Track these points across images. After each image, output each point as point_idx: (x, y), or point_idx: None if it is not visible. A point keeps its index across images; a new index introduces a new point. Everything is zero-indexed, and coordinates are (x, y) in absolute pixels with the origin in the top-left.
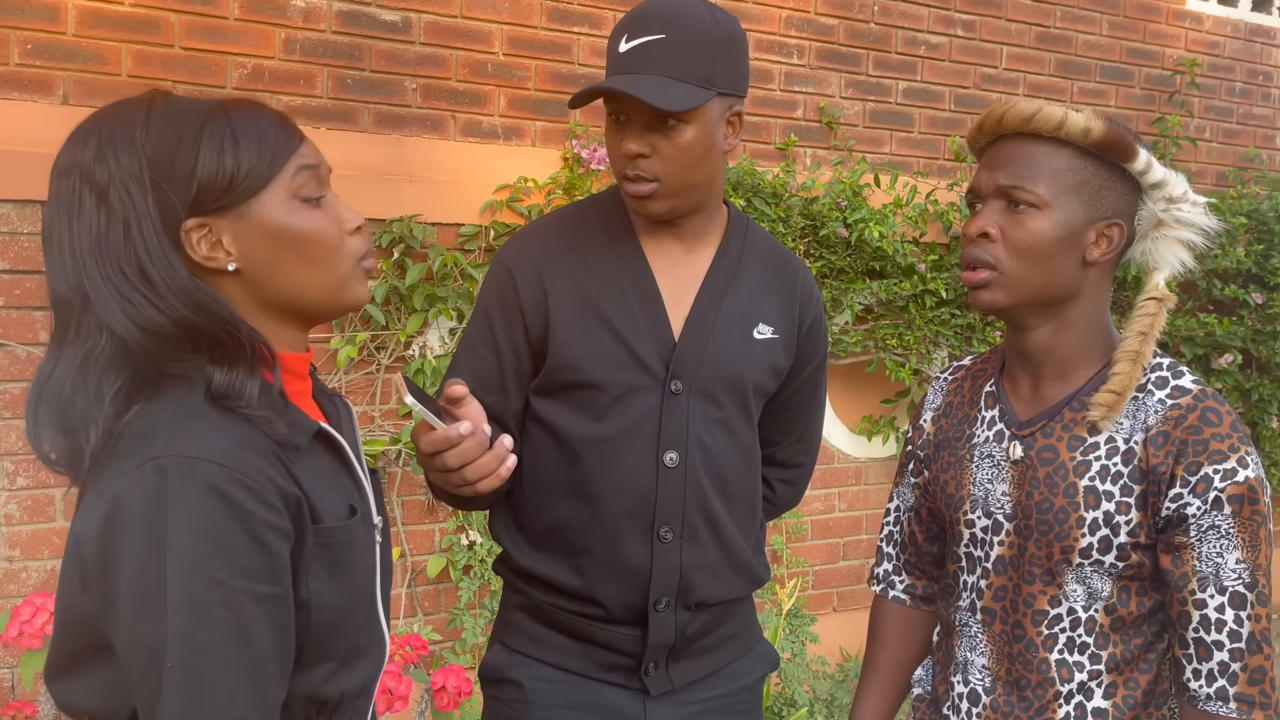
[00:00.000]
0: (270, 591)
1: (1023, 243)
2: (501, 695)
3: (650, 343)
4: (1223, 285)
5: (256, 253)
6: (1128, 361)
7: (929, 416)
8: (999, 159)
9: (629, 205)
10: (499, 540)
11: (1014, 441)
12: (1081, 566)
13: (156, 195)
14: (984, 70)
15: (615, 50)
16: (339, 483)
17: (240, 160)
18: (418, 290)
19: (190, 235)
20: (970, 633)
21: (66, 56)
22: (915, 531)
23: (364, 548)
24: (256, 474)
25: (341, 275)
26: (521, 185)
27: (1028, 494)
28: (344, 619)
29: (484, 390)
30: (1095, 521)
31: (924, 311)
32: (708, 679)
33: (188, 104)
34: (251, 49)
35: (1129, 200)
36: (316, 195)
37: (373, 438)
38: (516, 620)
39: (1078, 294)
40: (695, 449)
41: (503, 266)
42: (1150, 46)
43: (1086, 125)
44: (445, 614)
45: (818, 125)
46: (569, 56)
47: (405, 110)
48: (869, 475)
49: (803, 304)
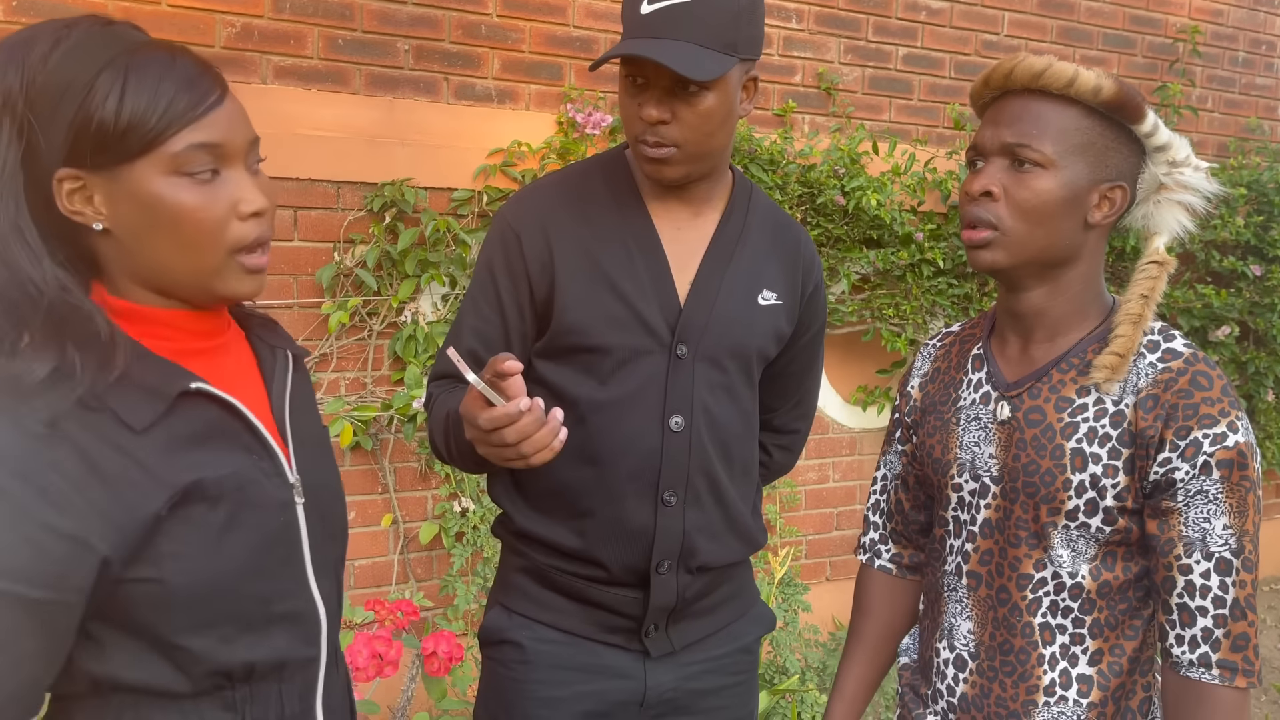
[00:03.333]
0: (41, 596)
1: (1026, 202)
2: (501, 656)
3: (656, 307)
4: (1221, 257)
5: (125, 220)
6: (1129, 324)
7: (916, 383)
8: (1004, 115)
9: (643, 170)
10: (499, 502)
11: (1001, 402)
12: (1067, 529)
13: (27, 132)
14: (985, 37)
15: (636, 11)
16: (231, 440)
17: (120, 119)
18: (410, 255)
19: (61, 185)
20: (957, 597)
21: (52, 12)
22: (902, 499)
23: (261, 507)
24: (42, 467)
25: (212, 265)
26: (515, 149)
27: (1014, 455)
28: (219, 583)
29: (488, 351)
30: (1082, 484)
31: (921, 281)
32: (706, 640)
33: (101, 41)
34: (240, 7)
35: (1133, 163)
36: (207, 170)
37: (364, 404)
38: (516, 582)
39: (1077, 256)
40: (700, 414)
41: (507, 226)
42: (1153, 14)
43: (1097, 83)
44: (437, 580)
45: (816, 91)
46: (564, 19)
47: (397, 72)
48: (863, 445)
49: (805, 270)
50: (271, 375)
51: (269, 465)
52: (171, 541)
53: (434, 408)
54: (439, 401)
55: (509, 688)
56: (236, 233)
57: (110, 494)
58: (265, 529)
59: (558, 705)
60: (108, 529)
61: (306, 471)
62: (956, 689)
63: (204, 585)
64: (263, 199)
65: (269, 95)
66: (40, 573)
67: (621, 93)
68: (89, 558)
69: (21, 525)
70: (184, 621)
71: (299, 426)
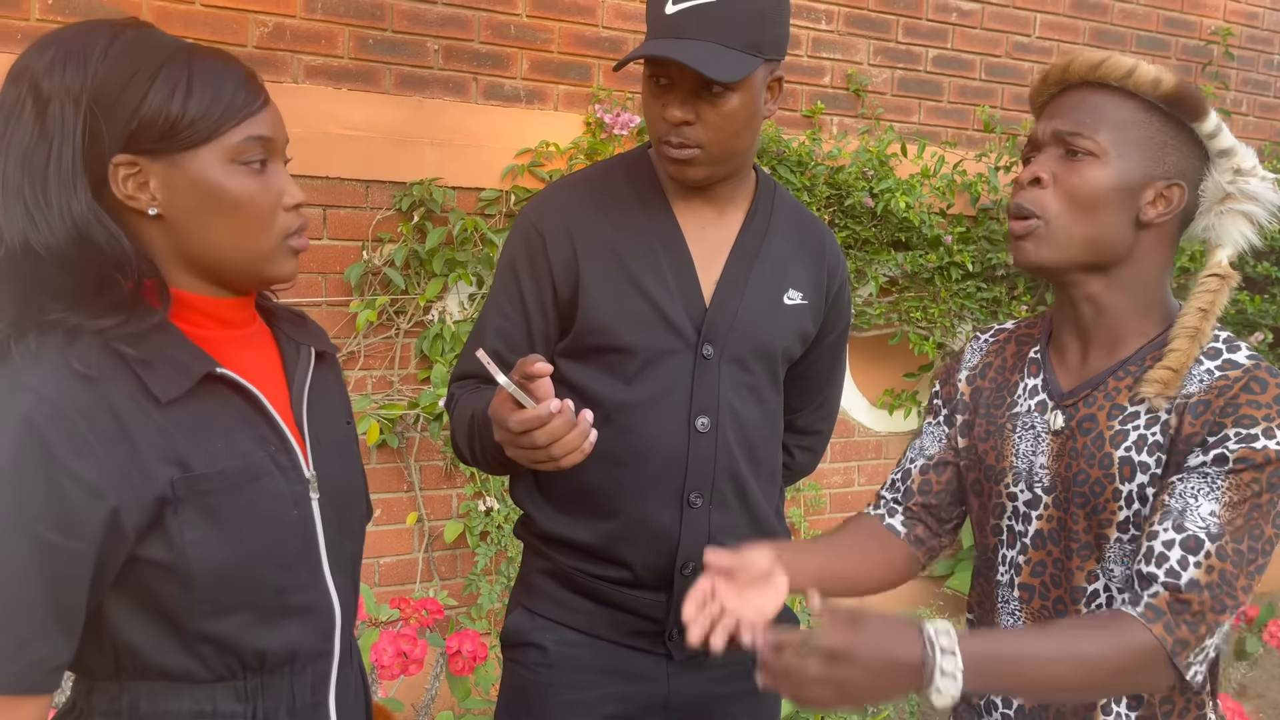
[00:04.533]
0: (56, 540)
1: (1075, 189)
2: (524, 659)
3: (682, 306)
4: (1255, 262)
5: (182, 204)
6: (1186, 338)
7: (964, 375)
8: (1060, 107)
9: (667, 171)
10: (521, 505)
11: (1056, 411)
12: (1120, 541)
13: (90, 122)
14: (1016, 39)
15: (660, 11)
16: (248, 431)
17: (187, 109)
18: (437, 255)
19: (118, 170)
20: (1010, 609)
21: (87, 13)
22: (933, 481)
23: (275, 499)
24: (78, 415)
25: (266, 248)
26: (543, 149)
27: (1066, 465)
28: (238, 570)
29: (510, 351)
30: (1130, 494)
31: (949, 284)
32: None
33: (157, 39)
34: (273, 7)
35: (1193, 165)
36: (258, 160)
37: (391, 402)
38: (539, 584)
39: (1128, 256)
40: (726, 415)
41: (531, 226)
42: (1187, 16)
43: (1157, 76)
44: (461, 579)
45: (845, 93)
46: (593, 19)
47: (427, 72)
48: (889, 449)
49: (830, 270)
50: (294, 371)
51: (285, 458)
52: (191, 528)
53: (457, 408)
54: (462, 402)
55: (532, 690)
56: (284, 220)
57: (132, 454)
58: (281, 519)
59: (581, 708)
60: (124, 485)
61: (324, 467)
62: (1014, 702)
63: (222, 571)
64: (301, 193)
65: (300, 94)
66: (57, 516)
67: (645, 93)
68: (101, 508)
69: (46, 466)
70: (204, 607)
71: (318, 423)
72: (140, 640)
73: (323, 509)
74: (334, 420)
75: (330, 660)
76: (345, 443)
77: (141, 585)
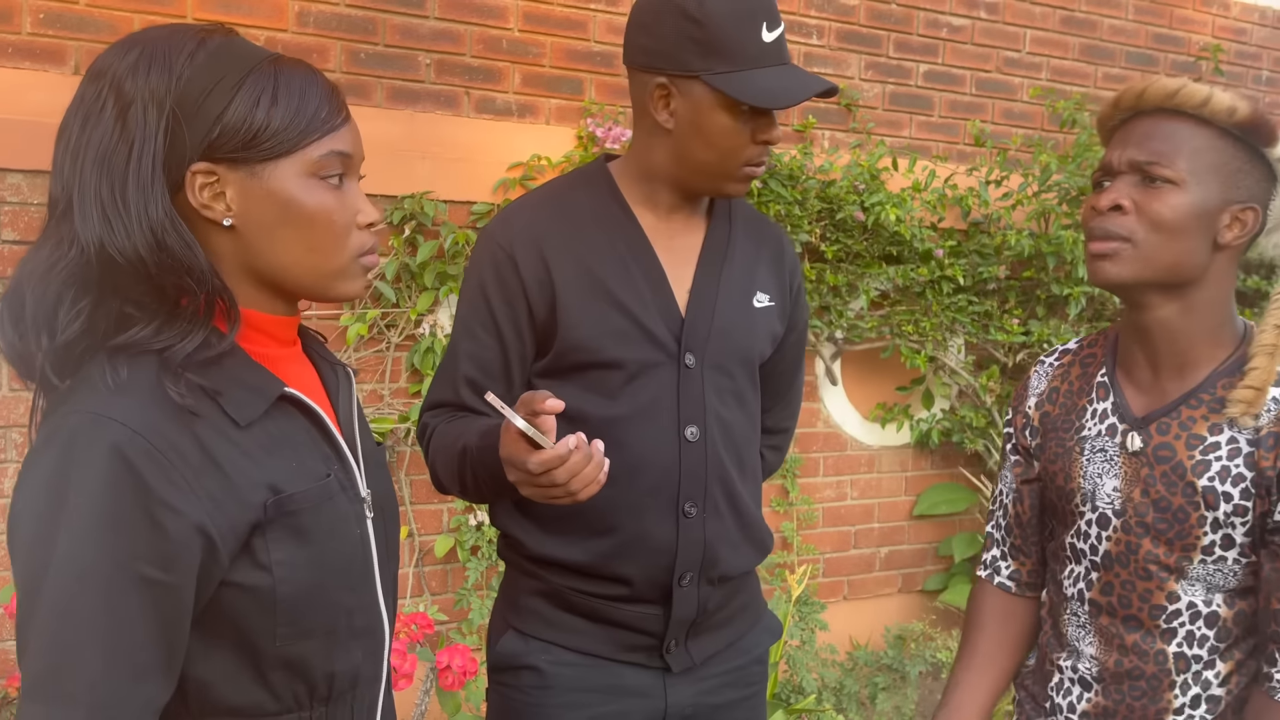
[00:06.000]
0: (158, 577)
1: (1159, 215)
2: (518, 683)
3: (659, 317)
4: (1244, 276)
5: (257, 216)
6: (1265, 355)
7: (1033, 402)
8: (1135, 135)
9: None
10: (505, 528)
11: (1131, 434)
12: (1204, 563)
13: (173, 126)
14: (1006, 54)
15: (758, 38)
16: (314, 450)
17: (271, 120)
18: (429, 268)
19: (195, 178)
20: (1079, 621)
21: (79, 26)
22: (1019, 512)
23: (344, 519)
24: (168, 447)
25: (338, 265)
26: (535, 163)
27: (1142, 491)
28: (317, 591)
29: (487, 377)
30: (1215, 521)
31: (941, 298)
32: (723, 653)
33: (243, 48)
34: (264, 21)
35: (1265, 187)
36: (336, 175)
37: (381, 416)
38: (530, 605)
39: (1204, 277)
40: (714, 422)
41: (498, 246)
42: (1176, 32)
43: (1232, 104)
44: (452, 594)
45: (836, 107)
46: (585, 34)
47: (419, 85)
48: (882, 463)
49: (790, 269)
50: (335, 390)
51: (345, 478)
52: (279, 549)
53: (435, 439)
54: (440, 433)
55: (528, 714)
56: (358, 239)
57: (223, 480)
58: (350, 538)
59: None
60: (219, 515)
61: (375, 486)
62: (1079, 706)
63: (303, 593)
64: (377, 212)
65: None
66: (158, 552)
67: (725, 118)
68: (199, 540)
69: (143, 501)
70: (285, 630)
71: (364, 442)
72: (214, 674)
73: (375, 529)
74: (371, 441)
75: (379, 684)
76: (382, 461)
77: (222, 613)
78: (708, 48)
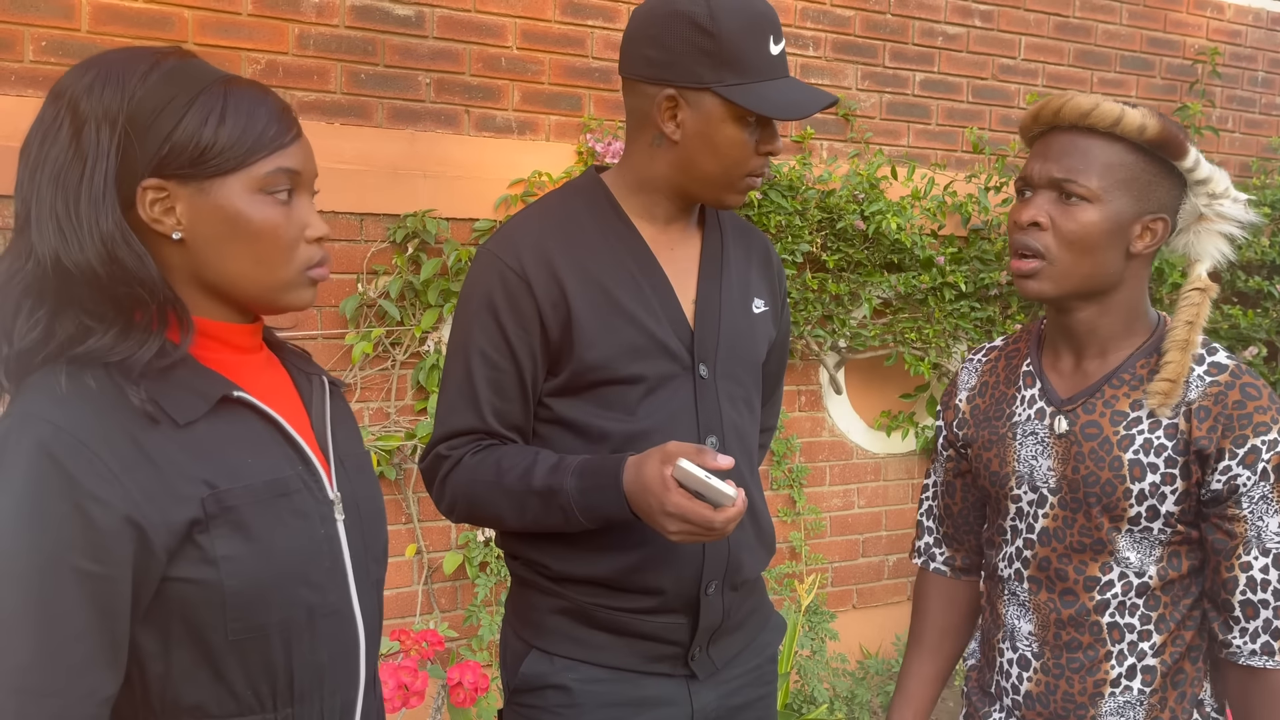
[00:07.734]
0: (91, 569)
1: (1072, 234)
2: (544, 703)
3: (670, 330)
4: (1247, 277)
5: (206, 230)
6: (1178, 350)
7: (964, 396)
8: (1052, 150)
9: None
10: (518, 552)
11: (1058, 416)
12: (1131, 533)
13: (124, 144)
14: (1002, 61)
15: (765, 52)
16: (274, 450)
17: (219, 137)
18: (432, 285)
19: (146, 193)
20: (1018, 600)
21: (80, 53)
22: (949, 504)
23: (302, 517)
24: (95, 441)
25: (285, 278)
26: (535, 180)
27: (1073, 468)
28: (269, 587)
29: (503, 400)
30: (1142, 492)
31: (943, 305)
32: (741, 654)
33: (197, 69)
34: (265, 44)
35: (1174, 195)
36: (284, 191)
37: (387, 434)
38: (553, 624)
39: (1119, 282)
40: (730, 430)
41: (505, 266)
42: (1171, 36)
43: (1142, 123)
44: (461, 611)
45: (834, 117)
46: (583, 50)
47: (419, 105)
48: (888, 471)
49: (777, 273)
50: (309, 397)
51: (310, 478)
52: (224, 544)
53: (464, 472)
54: (474, 466)
55: None
56: (305, 253)
57: (156, 476)
58: (310, 536)
59: None
60: (150, 508)
61: (348, 490)
62: (1021, 687)
63: (254, 587)
64: (325, 227)
65: None
66: (88, 544)
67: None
68: (130, 532)
69: (70, 494)
70: (235, 625)
71: (340, 446)
72: (172, 671)
73: (348, 531)
74: (354, 445)
75: (356, 687)
76: (366, 468)
77: (172, 609)
78: (719, 60)
